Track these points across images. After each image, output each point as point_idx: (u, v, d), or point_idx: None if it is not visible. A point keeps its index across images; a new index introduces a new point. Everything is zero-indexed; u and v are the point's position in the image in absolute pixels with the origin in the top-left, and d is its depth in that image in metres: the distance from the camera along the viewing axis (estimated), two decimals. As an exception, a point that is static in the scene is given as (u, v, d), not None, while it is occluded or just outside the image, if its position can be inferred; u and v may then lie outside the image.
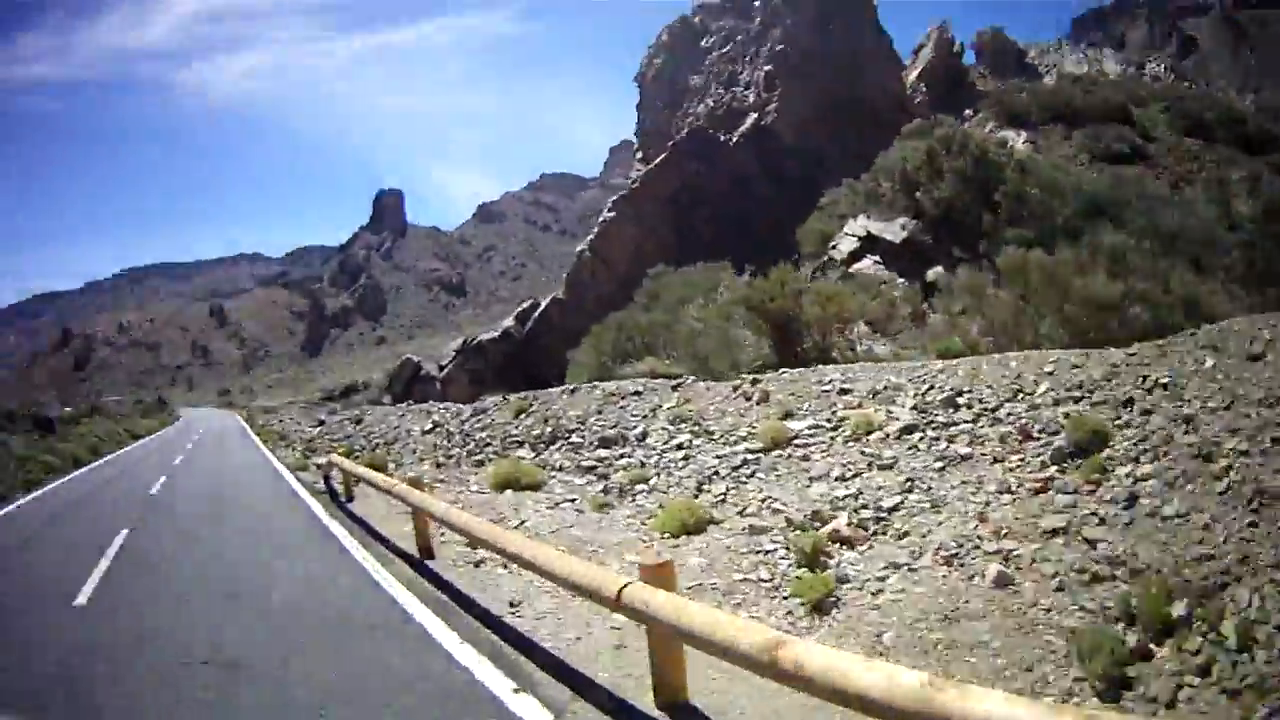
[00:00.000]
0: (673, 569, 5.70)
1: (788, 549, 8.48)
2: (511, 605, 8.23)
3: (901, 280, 26.68)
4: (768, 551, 8.64)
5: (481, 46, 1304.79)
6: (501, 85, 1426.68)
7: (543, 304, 44.65)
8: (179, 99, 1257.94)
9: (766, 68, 57.32)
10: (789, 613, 7.31)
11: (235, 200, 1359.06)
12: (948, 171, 30.64)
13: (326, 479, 19.38)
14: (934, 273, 25.25)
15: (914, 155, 32.98)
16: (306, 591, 9.63)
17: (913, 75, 59.53)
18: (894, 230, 31.07)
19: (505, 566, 9.57)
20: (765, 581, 8.03)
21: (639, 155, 65.06)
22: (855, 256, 31.27)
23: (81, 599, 9.82)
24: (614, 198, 54.34)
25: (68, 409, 68.46)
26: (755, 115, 52.85)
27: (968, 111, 49.68)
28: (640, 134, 68.51)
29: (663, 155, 51.33)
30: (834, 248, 32.89)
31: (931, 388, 11.44)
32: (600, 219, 51.98)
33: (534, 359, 40.54)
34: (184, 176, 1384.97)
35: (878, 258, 30.28)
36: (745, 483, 11.03)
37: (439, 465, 19.77)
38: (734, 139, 51.69)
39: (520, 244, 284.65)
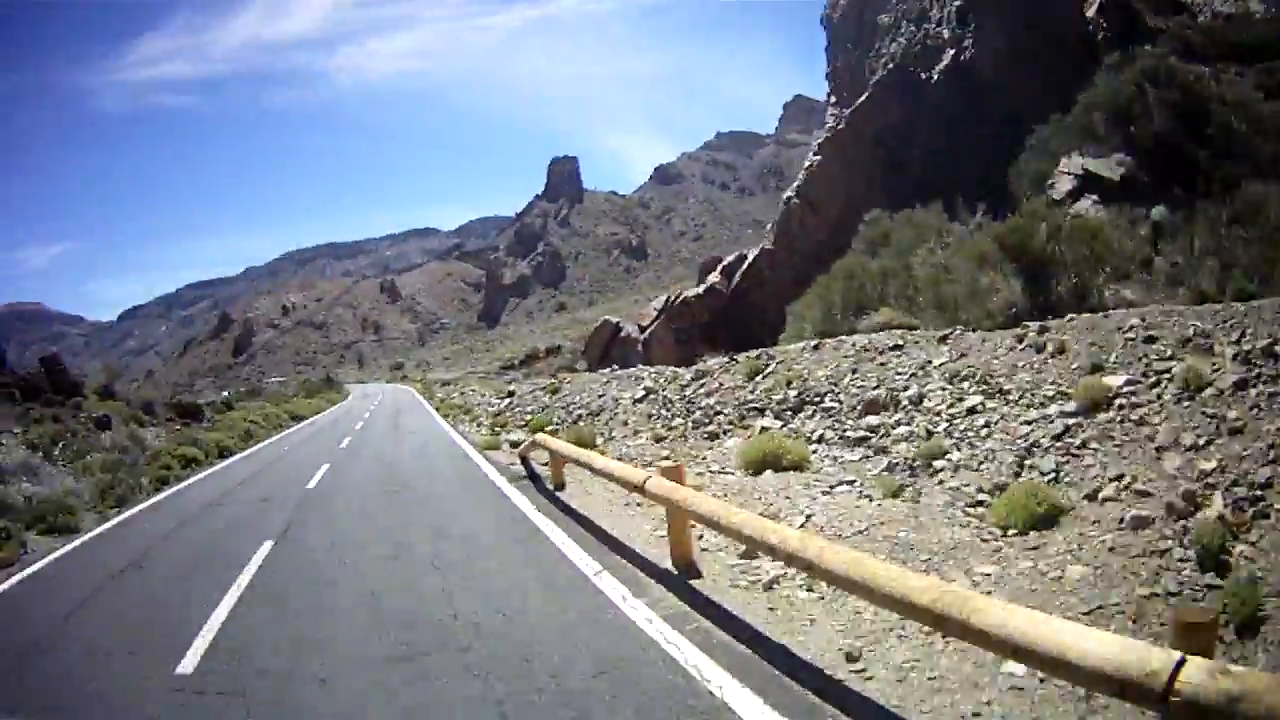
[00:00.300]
0: (1217, 623, 3.71)
1: (1182, 546, 6.72)
2: (850, 659, 5.82)
3: (1131, 220, 25.17)
4: (1163, 552, 6.80)
5: (640, 12, 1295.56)
6: (666, 48, 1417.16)
7: (750, 256, 42.85)
8: (332, 85, 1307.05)
9: (956, 3, 54.95)
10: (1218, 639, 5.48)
11: (401, 180, 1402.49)
12: (1156, 104, 28.73)
13: (524, 460, 17.14)
14: (1158, 212, 23.48)
15: (1124, 88, 31.00)
16: (531, 642, 6.62)
17: (1091, 10, 56.19)
18: (1111, 168, 29.30)
19: (810, 588, 7.22)
20: (1173, 595, 6.22)
21: (832, 99, 63.25)
22: (1074, 196, 29.68)
23: (188, 663, 6.96)
24: (818, 140, 52.51)
25: (224, 394, 66.97)
26: (952, 51, 50.49)
27: (1147, 47, 46.91)
28: (831, 76, 66.53)
29: (865, 95, 49.49)
30: (1051, 186, 31.19)
31: (1242, 334, 9.61)
32: (805, 163, 50.14)
33: (743, 315, 39.14)
34: (345, 160, 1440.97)
35: (1095, 197, 28.67)
36: (1079, 455, 8.96)
37: (659, 439, 17.32)
38: (933, 76, 49.53)
39: (699, 204, 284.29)
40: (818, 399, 14.74)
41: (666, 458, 14.37)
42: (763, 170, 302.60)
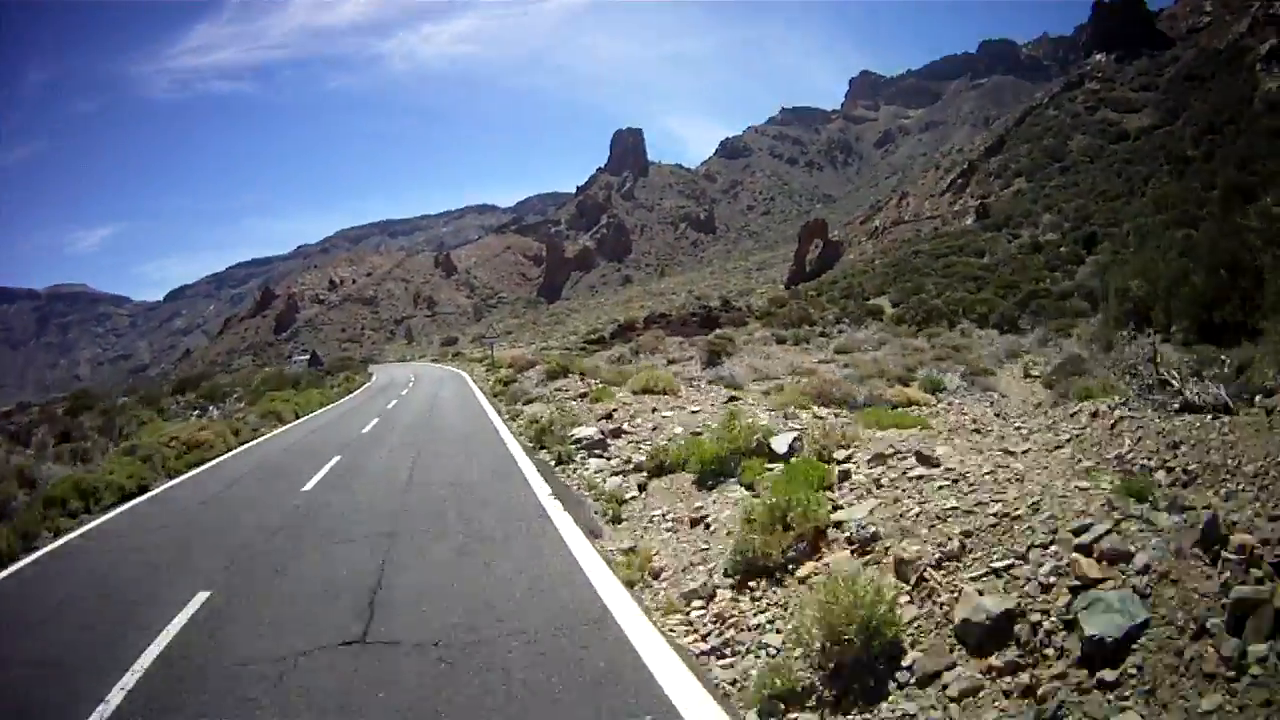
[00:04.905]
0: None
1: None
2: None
3: None
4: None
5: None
6: (725, 28, 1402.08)
7: None
8: (388, 69, 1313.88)
9: None
10: None
11: (459, 159, 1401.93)
12: None
13: None
14: None
15: None
16: None
17: None
18: None
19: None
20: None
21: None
22: None
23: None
24: None
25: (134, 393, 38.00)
26: None
27: None
28: None
29: None
30: None
31: None
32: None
33: None
34: (401, 142, 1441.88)
35: None
36: None
37: None
38: None
39: (768, 178, 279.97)
40: None
41: None
42: (830, 145, 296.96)
